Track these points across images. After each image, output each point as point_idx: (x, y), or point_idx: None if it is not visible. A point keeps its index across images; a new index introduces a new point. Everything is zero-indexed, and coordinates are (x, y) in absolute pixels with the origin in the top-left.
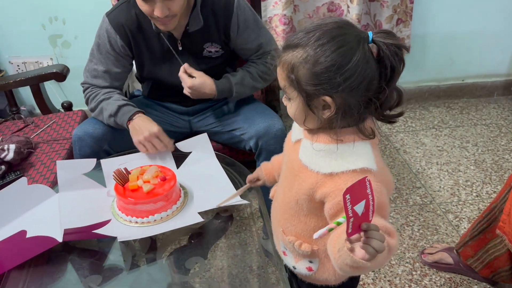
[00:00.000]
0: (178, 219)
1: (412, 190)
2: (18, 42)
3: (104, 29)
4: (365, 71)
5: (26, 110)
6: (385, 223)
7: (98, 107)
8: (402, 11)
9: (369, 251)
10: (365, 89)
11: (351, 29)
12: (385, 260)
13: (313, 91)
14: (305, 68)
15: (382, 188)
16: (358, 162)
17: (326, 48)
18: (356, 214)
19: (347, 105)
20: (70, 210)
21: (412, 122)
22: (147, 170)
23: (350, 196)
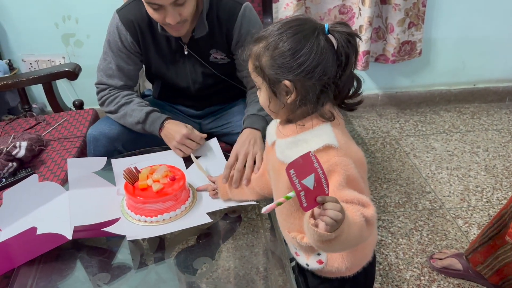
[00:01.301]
0: (187, 219)
1: (422, 195)
2: (31, 41)
3: (115, 26)
4: (319, 56)
5: (38, 108)
6: (357, 195)
7: (120, 111)
8: (414, 15)
9: (327, 221)
10: (321, 74)
11: (308, 21)
12: (363, 231)
13: (274, 76)
14: (266, 55)
15: (348, 161)
16: (319, 141)
17: (283, 35)
18: (307, 188)
19: (305, 89)
20: (80, 207)
21: (423, 126)
22: (157, 170)
23: (295, 171)
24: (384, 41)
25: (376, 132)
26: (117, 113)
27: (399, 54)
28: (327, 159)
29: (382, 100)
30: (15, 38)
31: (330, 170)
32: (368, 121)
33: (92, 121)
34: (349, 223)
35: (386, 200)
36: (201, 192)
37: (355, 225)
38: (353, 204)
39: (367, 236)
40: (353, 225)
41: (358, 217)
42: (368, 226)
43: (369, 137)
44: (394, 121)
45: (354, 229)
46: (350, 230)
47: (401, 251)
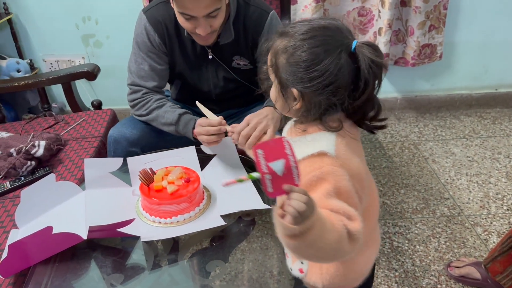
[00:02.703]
0: (201, 221)
1: (440, 201)
2: (52, 41)
3: (143, 26)
4: (334, 76)
5: (57, 107)
6: (344, 207)
7: (151, 115)
8: (435, 17)
9: (289, 210)
10: (330, 94)
11: (337, 33)
12: (342, 244)
13: (285, 81)
14: (283, 57)
15: (342, 172)
16: (317, 146)
17: (304, 43)
18: (274, 173)
19: (311, 103)
20: (95, 207)
21: (442, 130)
22: (172, 171)
23: (264, 152)
24: (403, 44)
25: (395, 136)
26: (147, 116)
27: (419, 57)
28: (320, 166)
29: (401, 103)
30: (37, 38)
31: (321, 178)
32: None
33: (110, 121)
34: (323, 224)
35: (403, 206)
36: (215, 194)
37: (332, 232)
38: (338, 214)
39: (347, 251)
40: (329, 231)
41: (339, 227)
42: (351, 242)
43: (387, 141)
44: (413, 125)
45: (330, 236)
46: (323, 233)
47: (418, 258)
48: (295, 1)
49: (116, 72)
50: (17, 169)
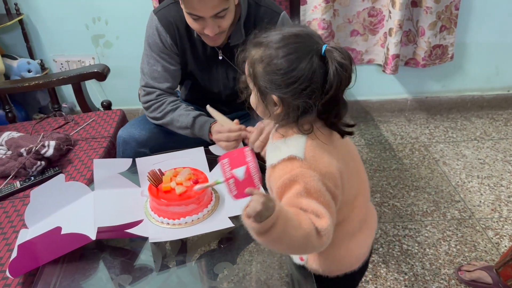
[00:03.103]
0: (209, 222)
1: (451, 204)
2: (63, 42)
3: (154, 27)
4: (309, 80)
5: (67, 107)
6: (313, 205)
7: (165, 118)
8: (446, 18)
9: (248, 211)
10: (307, 97)
11: (308, 39)
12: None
13: (263, 88)
14: (260, 66)
15: (310, 174)
16: (287, 151)
17: (279, 51)
18: (236, 178)
19: (290, 107)
20: (104, 208)
21: (453, 132)
22: (180, 172)
23: (229, 161)
24: (414, 44)
25: (405, 137)
26: (162, 120)
27: (430, 58)
28: (290, 169)
29: (412, 105)
30: (47, 39)
31: (291, 180)
32: (396, 126)
33: (120, 121)
34: (286, 222)
35: (413, 209)
36: (223, 195)
37: (298, 229)
38: (307, 212)
39: (317, 246)
40: (295, 227)
41: (306, 224)
42: (319, 237)
43: (397, 143)
44: (423, 127)
45: (296, 232)
46: (288, 230)
47: (428, 261)
48: (304, 2)
49: (126, 73)
50: (27, 169)
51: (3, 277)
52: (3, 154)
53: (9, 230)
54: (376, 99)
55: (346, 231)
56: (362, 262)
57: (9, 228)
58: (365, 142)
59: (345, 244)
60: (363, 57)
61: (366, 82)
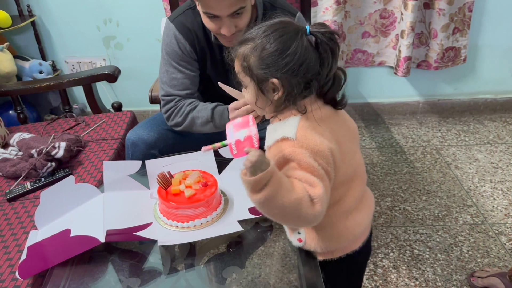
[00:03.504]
0: (218, 226)
1: (463, 209)
2: (74, 43)
3: (172, 35)
4: (303, 56)
5: (78, 108)
6: (307, 176)
7: (187, 119)
8: (459, 20)
9: (246, 164)
10: (305, 71)
11: (291, 24)
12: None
13: (262, 75)
14: (254, 56)
15: (302, 152)
16: (281, 132)
17: (270, 37)
18: (238, 139)
19: (291, 85)
20: (113, 210)
21: (466, 136)
22: (190, 175)
23: (234, 127)
24: (426, 46)
25: (416, 141)
26: (185, 122)
27: (442, 60)
28: (283, 148)
29: (423, 107)
30: (59, 40)
31: (285, 158)
32: (408, 129)
33: (130, 123)
34: (280, 181)
35: (425, 213)
36: (232, 198)
37: (291, 192)
38: (301, 181)
39: (311, 214)
40: (288, 190)
41: (299, 189)
42: (313, 205)
43: (408, 146)
44: (435, 130)
45: (289, 195)
46: (281, 190)
47: (439, 267)
48: (316, 3)
49: (136, 74)
50: (37, 170)
51: (12, 278)
52: (14, 155)
53: (19, 231)
54: (387, 101)
55: (342, 210)
56: (362, 242)
57: (20, 229)
58: (376, 145)
59: (342, 222)
60: (374, 59)
61: (377, 84)
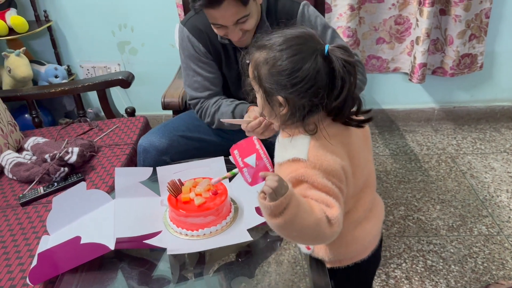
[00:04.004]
0: (227, 234)
1: (478, 219)
2: (89, 48)
3: (186, 39)
4: (313, 79)
5: (93, 113)
6: (323, 196)
7: (215, 121)
8: (476, 26)
9: (265, 189)
10: (312, 95)
11: (310, 41)
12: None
13: (269, 90)
14: (265, 68)
15: (314, 173)
16: (292, 152)
17: (283, 53)
18: (250, 165)
19: (295, 106)
20: (124, 217)
21: (482, 144)
22: (200, 183)
23: (239, 151)
24: (442, 53)
25: (431, 148)
26: (214, 122)
27: (458, 67)
28: (295, 169)
29: (439, 114)
30: (75, 45)
31: (297, 179)
32: (422, 136)
33: (143, 128)
34: (298, 203)
35: (438, 223)
36: (243, 207)
37: (310, 214)
38: (318, 202)
39: (328, 234)
40: (306, 211)
41: (318, 211)
42: (330, 226)
43: (423, 154)
44: (450, 138)
45: (307, 216)
46: (300, 212)
47: (453, 279)
48: (330, 9)
49: (150, 79)
50: (50, 175)
51: (23, 284)
52: (29, 159)
53: (31, 235)
54: (402, 108)
55: (351, 220)
56: (372, 251)
57: (32, 234)
58: (389, 152)
59: (350, 232)
60: (389, 65)
61: (391, 91)
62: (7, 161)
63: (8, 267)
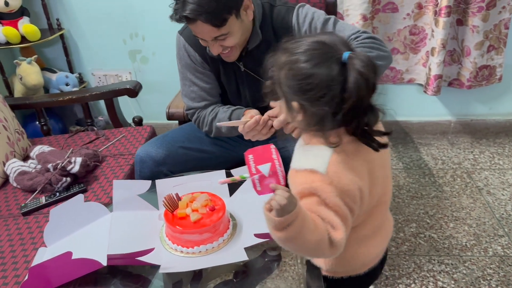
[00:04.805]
0: (223, 253)
1: (493, 238)
2: (101, 56)
3: (182, 48)
4: (326, 88)
5: (103, 120)
6: (330, 216)
7: (213, 129)
8: (495, 37)
9: (273, 204)
10: (325, 104)
11: (329, 47)
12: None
13: (286, 94)
14: (283, 72)
15: (329, 189)
16: (310, 162)
17: (299, 58)
18: (262, 174)
19: (309, 114)
20: (119, 232)
21: (500, 159)
22: (197, 198)
23: (254, 157)
24: (459, 64)
25: (446, 162)
26: (212, 131)
27: (476, 79)
28: (311, 180)
29: (455, 127)
30: (86, 53)
31: (310, 191)
32: (438, 149)
33: (148, 138)
34: (304, 221)
35: (451, 242)
36: (241, 223)
37: (313, 232)
38: (324, 221)
39: (328, 254)
40: (310, 229)
41: (322, 231)
42: (332, 247)
43: (437, 168)
44: (467, 152)
45: (310, 234)
46: (304, 230)
47: None
48: (341, 19)
49: (161, 88)
50: (52, 185)
51: None
52: (33, 168)
53: (29, 246)
54: (416, 120)
55: (357, 236)
56: (369, 268)
57: (30, 245)
58: (403, 166)
59: (354, 248)
60: (403, 76)
61: (406, 102)
62: (12, 170)
63: (4, 278)
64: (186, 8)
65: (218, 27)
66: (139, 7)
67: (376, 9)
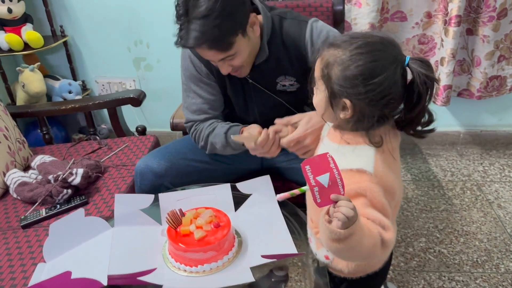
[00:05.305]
0: (228, 272)
1: (505, 254)
2: (105, 63)
3: (188, 59)
4: (389, 89)
5: (107, 128)
6: (380, 217)
7: (208, 144)
8: (506, 47)
9: (339, 216)
10: (383, 105)
11: (391, 48)
12: (376, 249)
13: (337, 91)
14: (337, 69)
15: (378, 189)
16: (356, 162)
17: (361, 57)
18: (322, 185)
19: (362, 113)
20: (120, 250)
21: (510, 171)
22: (202, 214)
23: (311, 168)
24: (468, 74)
25: (456, 174)
26: (207, 147)
27: (486, 89)
28: (358, 181)
29: (465, 138)
30: (90, 60)
31: (358, 192)
32: (447, 161)
33: (152, 148)
34: (362, 229)
35: (462, 257)
36: (247, 240)
37: (369, 237)
38: (374, 223)
39: (380, 256)
40: (367, 236)
41: (375, 233)
42: (383, 248)
43: (446, 180)
44: (477, 163)
45: (367, 240)
46: (362, 238)
47: None
48: (349, 28)
49: (165, 96)
50: (53, 197)
51: None
52: (34, 179)
53: (28, 261)
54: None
55: None
56: (383, 263)
57: (29, 260)
58: (411, 178)
59: None
60: None
61: None
62: (12, 180)
63: None
64: (189, 37)
65: (224, 51)
66: (144, 14)
67: (384, 18)
